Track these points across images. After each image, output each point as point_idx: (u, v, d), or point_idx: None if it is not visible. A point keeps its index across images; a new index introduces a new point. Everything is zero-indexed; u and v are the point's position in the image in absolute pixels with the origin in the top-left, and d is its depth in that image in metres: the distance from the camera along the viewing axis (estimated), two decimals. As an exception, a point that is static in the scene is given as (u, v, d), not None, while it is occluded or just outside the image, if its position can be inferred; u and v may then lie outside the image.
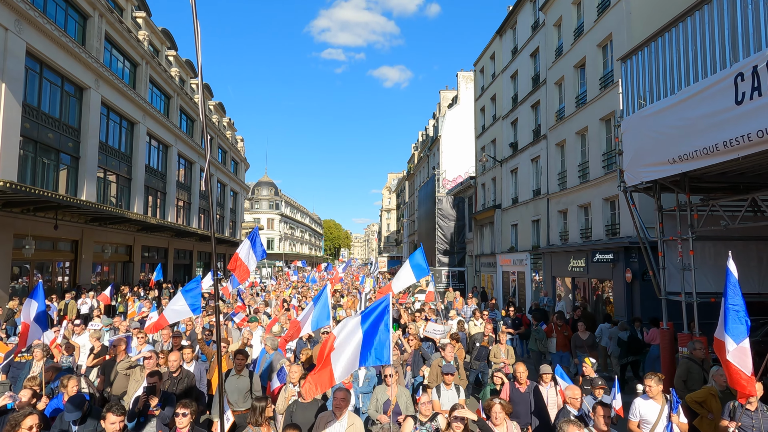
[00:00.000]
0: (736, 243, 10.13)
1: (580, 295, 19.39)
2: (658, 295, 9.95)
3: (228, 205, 47.38)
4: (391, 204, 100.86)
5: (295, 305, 15.15)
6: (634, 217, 10.15)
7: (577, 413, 5.97)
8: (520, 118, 26.40)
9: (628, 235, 15.72)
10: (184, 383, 6.78)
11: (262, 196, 79.31)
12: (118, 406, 4.96)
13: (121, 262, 27.34)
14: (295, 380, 6.87)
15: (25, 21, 17.63)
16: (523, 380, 6.83)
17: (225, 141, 46.58)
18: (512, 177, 27.70)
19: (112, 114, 25.39)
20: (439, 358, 8.27)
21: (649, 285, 12.08)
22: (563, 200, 21.21)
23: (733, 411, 5.85)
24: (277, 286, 25.34)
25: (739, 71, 6.28)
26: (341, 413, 5.40)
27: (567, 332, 12.01)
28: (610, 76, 17.59)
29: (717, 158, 6.99)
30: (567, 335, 11.92)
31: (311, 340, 10.42)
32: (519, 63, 26.80)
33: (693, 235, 9.00)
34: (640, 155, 9.03)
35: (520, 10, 26.79)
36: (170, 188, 32.67)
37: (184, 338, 9.75)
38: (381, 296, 6.48)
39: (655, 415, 5.87)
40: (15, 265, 18.99)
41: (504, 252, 28.16)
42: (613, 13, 17.22)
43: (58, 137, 20.66)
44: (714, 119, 6.77)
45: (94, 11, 22.98)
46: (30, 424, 4.59)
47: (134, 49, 27.33)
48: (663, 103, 8.31)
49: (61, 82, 20.92)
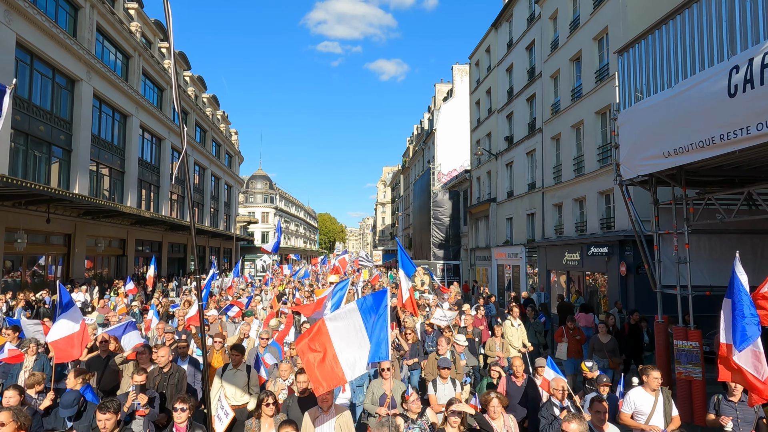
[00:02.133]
0: (731, 236, 10.17)
1: (574, 287, 19.46)
2: (653, 288, 9.98)
3: (222, 199, 47.14)
4: (386, 197, 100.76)
5: (297, 297, 15.01)
6: (630, 210, 10.15)
7: (561, 405, 5.95)
8: (516, 112, 26.36)
9: (623, 229, 15.77)
10: (175, 379, 6.74)
11: (257, 189, 79.00)
12: (104, 405, 4.90)
13: (115, 256, 27.17)
14: (285, 375, 6.85)
15: (15, 11, 17.35)
16: (520, 374, 6.85)
17: (219, 134, 46.25)
18: (507, 170, 27.70)
19: (105, 106, 25.12)
20: (434, 352, 8.27)
21: (644, 278, 12.12)
22: (558, 194, 21.24)
23: (718, 404, 5.86)
24: (273, 280, 25.25)
25: (735, 64, 6.26)
26: (328, 406, 5.40)
27: (579, 336, 10.75)
28: (605, 69, 17.56)
29: (713, 151, 6.98)
30: (579, 339, 10.68)
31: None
32: (514, 56, 26.73)
33: (688, 229, 9.01)
34: (636, 148, 9.02)
35: (516, 3, 26.68)
36: (164, 181, 32.45)
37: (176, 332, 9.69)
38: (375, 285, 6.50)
39: (649, 406, 5.89)
40: (7, 259, 18.82)
41: (499, 245, 28.21)
42: (609, 5, 17.16)
43: (50, 130, 20.43)
44: (710, 112, 6.75)
45: (85, 2, 22.66)
46: (1, 420, 4.49)
47: (126, 41, 27.01)
48: (659, 96, 8.28)
49: (53, 73, 20.66)
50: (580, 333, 10.85)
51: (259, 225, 68.25)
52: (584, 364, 7.59)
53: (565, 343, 10.71)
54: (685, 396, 8.50)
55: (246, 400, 6.85)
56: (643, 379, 6.01)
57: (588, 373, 7.26)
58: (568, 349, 10.63)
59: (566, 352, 10.64)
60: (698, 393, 8.40)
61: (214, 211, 44.81)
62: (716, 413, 5.86)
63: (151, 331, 10.78)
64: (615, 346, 9.90)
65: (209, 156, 42.24)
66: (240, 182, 56.51)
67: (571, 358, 10.45)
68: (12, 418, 4.53)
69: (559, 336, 10.93)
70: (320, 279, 27.73)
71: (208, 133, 43.00)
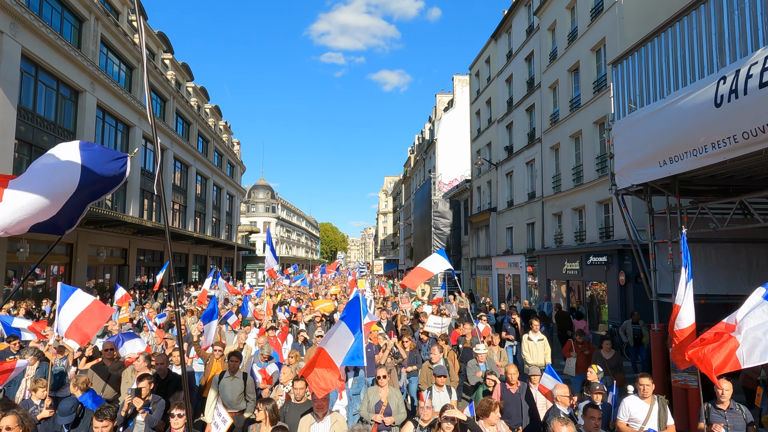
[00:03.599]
0: (726, 245, 10.23)
1: (573, 297, 19.48)
2: (649, 297, 10.02)
3: (224, 208, 47.33)
4: (387, 207, 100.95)
5: (284, 318, 14.14)
6: (626, 219, 10.23)
7: (567, 411, 6.03)
8: (515, 122, 26.54)
9: (622, 238, 15.82)
10: (172, 386, 6.81)
11: (259, 199, 79.23)
12: (101, 412, 4.97)
13: (117, 266, 27.28)
14: (285, 381, 6.92)
15: (20, 24, 17.65)
16: (514, 381, 6.90)
17: (221, 144, 46.56)
18: (507, 180, 27.82)
19: (108, 117, 25.39)
20: (427, 361, 8.33)
21: (643, 287, 12.15)
22: (558, 203, 21.33)
23: (707, 412, 5.84)
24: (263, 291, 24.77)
25: (723, 75, 6.39)
26: (323, 413, 5.49)
27: (588, 351, 10.06)
28: (603, 80, 17.73)
29: (705, 161, 7.08)
30: (588, 354, 9.94)
31: (306, 342, 10.46)
32: (514, 67, 26.97)
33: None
34: (630, 158, 9.12)
35: (515, 15, 26.98)
36: (166, 191, 32.57)
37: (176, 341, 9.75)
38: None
39: (644, 414, 5.93)
40: (9, 269, 18.94)
41: (499, 255, 28.24)
42: (606, 17, 17.38)
43: (54, 140, 20.63)
44: (699, 123, 6.87)
45: (90, 14, 23.01)
46: (7, 424, 4.54)
47: (130, 53, 27.36)
48: (652, 107, 8.40)
49: (57, 85, 20.93)
50: (588, 347, 10.26)
51: (260, 234, 68.31)
52: (595, 366, 7.67)
53: (573, 359, 10.05)
54: (681, 404, 8.51)
55: (242, 407, 6.92)
56: (637, 386, 6.08)
57: (592, 377, 7.35)
58: (577, 365, 9.93)
59: (575, 368, 9.95)
60: (694, 401, 8.40)
61: (215, 220, 44.98)
62: (706, 422, 5.89)
63: (150, 338, 10.86)
64: (619, 362, 9.42)
65: (211, 166, 42.50)
66: (242, 192, 56.76)
67: (580, 374, 9.50)
68: (17, 422, 4.59)
69: (568, 351, 10.26)
70: (317, 287, 27.77)
71: (210, 143, 43.31)
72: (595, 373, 7.57)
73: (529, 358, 9.98)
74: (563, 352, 10.64)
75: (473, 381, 8.41)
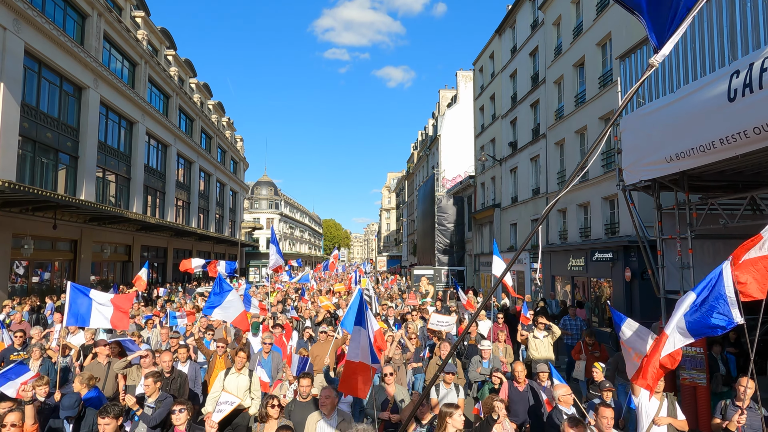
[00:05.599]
0: (735, 241, 10.07)
1: (578, 293, 19.38)
2: (657, 293, 9.93)
3: (227, 205, 47.35)
4: (390, 203, 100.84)
5: (293, 316, 13.87)
6: (633, 215, 10.13)
7: (569, 412, 5.95)
8: (519, 117, 26.39)
9: (627, 234, 15.71)
10: (177, 383, 6.80)
11: (262, 195, 79.26)
12: (104, 410, 4.94)
13: (120, 262, 27.32)
14: (292, 379, 6.88)
15: (23, 20, 17.60)
16: (522, 379, 6.84)
17: (224, 140, 46.54)
18: (511, 176, 27.69)
19: (111, 113, 25.37)
20: (436, 357, 8.26)
21: (648, 284, 12.05)
22: (562, 199, 21.20)
23: (725, 409, 5.83)
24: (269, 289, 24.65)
25: (736, 69, 6.27)
26: (329, 411, 5.46)
27: (599, 353, 9.50)
28: (609, 74, 17.58)
29: (714, 156, 6.98)
30: (599, 357, 9.32)
31: (312, 339, 10.41)
32: (518, 62, 26.79)
33: (692, 234, 8.98)
34: (638, 154, 9.02)
35: (520, 9, 26.78)
36: (169, 188, 32.65)
37: (182, 338, 9.73)
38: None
39: (654, 409, 5.88)
40: (14, 265, 18.96)
41: (503, 251, 28.12)
42: (612, 11, 17.20)
43: (57, 137, 20.64)
44: (710, 117, 6.75)
45: (92, 11, 22.95)
46: (13, 420, 4.55)
47: (133, 49, 27.30)
48: (661, 102, 8.29)
49: (60, 81, 20.90)
50: (599, 349, 9.66)
51: (263, 231, 68.33)
52: (599, 365, 7.59)
53: (583, 361, 9.59)
54: (690, 402, 8.44)
55: (248, 404, 6.88)
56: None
57: (598, 376, 7.27)
58: (586, 368, 9.36)
59: (584, 371, 9.45)
60: (703, 399, 8.34)
61: (219, 217, 45.00)
62: (722, 418, 5.84)
63: (155, 336, 10.84)
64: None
65: (214, 162, 42.49)
66: (245, 188, 56.76)
67: (590, 377, 8.71)
68: (23, 419, 4.61)
69: (577, 353, 9.78)
70: (320, 284, 27.70)
71: (213, 139, 43.28)
72: (600, 372, 7.51)
73: (536, 353, 9.74)
74: (572, 355, 10.18)
75: (473, 377, 8.38)
